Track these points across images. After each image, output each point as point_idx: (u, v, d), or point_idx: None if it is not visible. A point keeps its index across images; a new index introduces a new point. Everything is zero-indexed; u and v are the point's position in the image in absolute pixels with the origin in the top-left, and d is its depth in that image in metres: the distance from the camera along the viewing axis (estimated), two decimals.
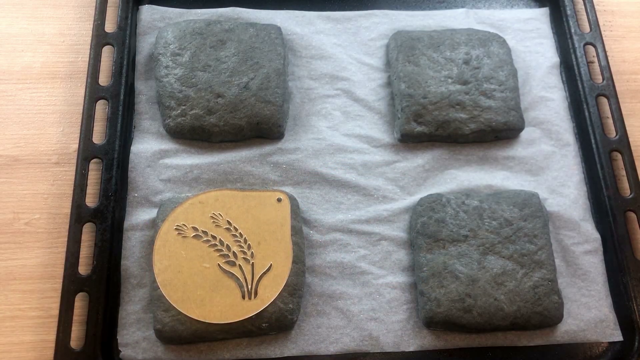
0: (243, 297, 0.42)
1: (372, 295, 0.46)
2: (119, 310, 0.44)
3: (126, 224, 0.47)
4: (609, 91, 0.53)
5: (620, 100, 0.53)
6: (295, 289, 0.44)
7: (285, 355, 0.44)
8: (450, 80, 0.51)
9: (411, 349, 0.44)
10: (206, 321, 0.41)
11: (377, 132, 0.52)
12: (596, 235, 0.49)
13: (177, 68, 0.50)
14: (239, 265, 0.43)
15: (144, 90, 0.52)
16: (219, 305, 0.42)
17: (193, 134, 0.49)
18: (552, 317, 0.44)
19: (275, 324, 0.43)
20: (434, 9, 0.58)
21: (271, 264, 0.43)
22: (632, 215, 0.49)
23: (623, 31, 0.60)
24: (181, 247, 0.43)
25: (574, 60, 0.55)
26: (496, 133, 0.51)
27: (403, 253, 0.47)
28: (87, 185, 0.47)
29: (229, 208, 0.43)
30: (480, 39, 0.53)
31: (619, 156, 0.51)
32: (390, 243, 0.48)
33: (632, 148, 0.51)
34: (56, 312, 0.43)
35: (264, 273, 0.43)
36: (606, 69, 0.54)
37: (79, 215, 0.46)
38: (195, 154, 0.50)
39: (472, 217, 0.46)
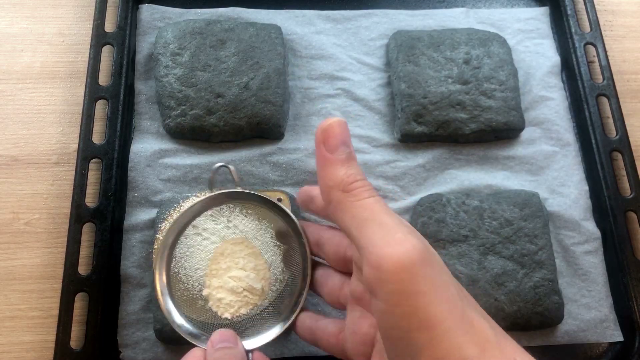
0: None
1: None
2: (119, 310, 0.44)
3: (126, 224, 0.47)
4: (610, 91, 0.53)
5: (620, 100, 0.53)
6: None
7: (285, 355, 0.44)
8: (450, 80, 0.51)
9: None
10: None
11: (377, 132, 0.52)
12: (597, 235, 0.49)
13: (177, 68, 0.50)
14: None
15: (143, 90, 0.52)
16: None
17: (193, 134, 0.49)
18: (552, 318, 0.44)
19: None
20: (434, 8, 0.58)
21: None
22: (633, 215, 0.49)
23: (624, 31, 0.60)
24: None
25: (574, 60, 0.55)
26: (496, 133, 0.51)
27: None
28: (86, 185, 0.47)
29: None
30: (481, 38, 0.53)
31: (619, 156, 0.51)
32: None
33: (633, 148, 0.51)
34: (56, 312, 0.43)
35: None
36: (607, 69, 0.54)
37: (79, 215, 0.46)
38: (195, 154, 0.50)
39: (473, 217, 0.46)
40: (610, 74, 0.54)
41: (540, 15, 0.58)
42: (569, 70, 0.55)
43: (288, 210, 0.40)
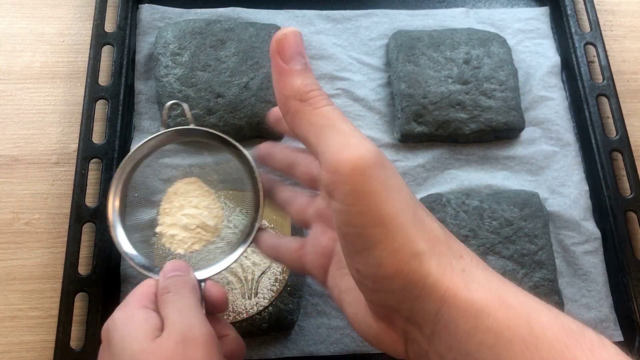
0: (243, 297, 0.42)
1: None
2: None
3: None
4: (609, 91, 0.53)
5: (620, 100, 0.53)
6: (295, 289, 0.44)
7: (285, 355, 0.44)
8: (450, 80, 0.51)
9: None
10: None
11: (377, 132, 0.52)
12: (597, 235, 0.49)
13: (177, 68, 0.50)
14: (239, 264, 0.43)
15: (143, 90, 0.52)
16: None
17: None
18: None
19: (275, 324, 0.43)
20: (434, 8, 0.58)
21: (271, 263, 0.43)
22: (633, 215, 0.49)
23: (623, 31, 0.60)
24: None
25: (574, 59, 0.55)
26: (496, 133, 0.51)
27: None
28: (86, 185, 0.47)
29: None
30: (481, 38, 0.53)
31: (619, 156, 0.51)
32: None
33: (633, 148, 0.51)
34: (56, 312, 0.43)
35: (264, 272, 0.43)
36: (606, 69, 0.54)
37: (79, 215, 0.46)
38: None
39: (473, 217, 0.46)
40: (610, 74, 0.54)
41: (540, 15, 0.58)
42: (569, 70, 0.55)
43: (239, 146, 0.39)
